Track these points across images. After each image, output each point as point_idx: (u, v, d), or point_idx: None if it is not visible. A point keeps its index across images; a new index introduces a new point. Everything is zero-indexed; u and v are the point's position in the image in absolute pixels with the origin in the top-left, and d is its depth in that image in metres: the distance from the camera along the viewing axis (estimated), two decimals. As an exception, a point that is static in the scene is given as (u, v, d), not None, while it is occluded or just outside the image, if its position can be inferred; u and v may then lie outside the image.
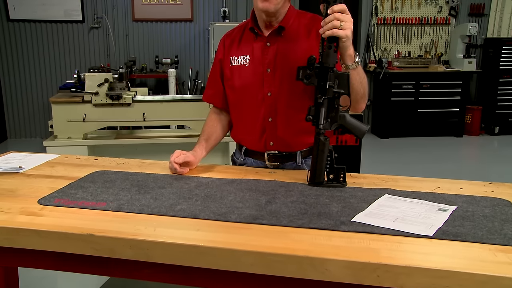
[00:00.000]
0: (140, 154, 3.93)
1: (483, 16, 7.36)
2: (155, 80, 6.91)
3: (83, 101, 3.71)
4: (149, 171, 1.76)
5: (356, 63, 1.54)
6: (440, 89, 6.89)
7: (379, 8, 7.18)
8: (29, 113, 6.86)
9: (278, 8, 1.71)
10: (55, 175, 1.69)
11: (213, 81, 1.94)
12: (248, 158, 1.90)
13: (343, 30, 1.44)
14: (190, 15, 6.83)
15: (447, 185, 1.60)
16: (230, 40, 1.87)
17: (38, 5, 6.54)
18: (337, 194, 1.50)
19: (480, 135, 7.16)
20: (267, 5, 1.67)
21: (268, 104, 1.78)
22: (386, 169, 5.45)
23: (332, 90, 1.52)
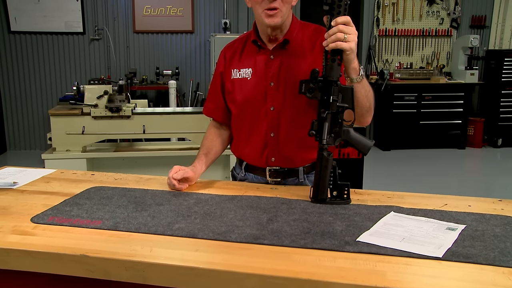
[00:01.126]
0: (139, 167, 3.88)
1: (484, 28, 7.34)
2: (155, 92, 6.89)
3: (82, 114, 3.67)
4: (147, 187, 1.71)
5: (360, 76, 1.50)
6: (442, 101, 6.86)
7: (381, 19, 7.17)
8: (29, 125, 6.83)
9: (284, 19, 1.67)
10: (50, 191, 1.64)
11: (213, 94, 1.89)
12: (249, 174, 1.85)
13: (347, 42, 1.40)
14: (191, 26, 6.82)
15: (454, 201, 1.55)
16: (231, 52, 1.83)
17: (39, 17, 6.55)
18: (341, 211, 1.45)
19: (483, 147, 7.11)
20: (274, 20, 1.62)
21: (271, 119, 1.73)
22: (389, 182, 5.40)
23: (335, 104, 1.47)
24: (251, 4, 1.68)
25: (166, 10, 6.73)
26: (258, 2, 1.62)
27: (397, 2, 7.15)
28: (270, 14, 1.61)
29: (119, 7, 6.70)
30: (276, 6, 1.60)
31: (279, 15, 1.62)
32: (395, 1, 7.14)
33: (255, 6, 1.65)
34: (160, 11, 6.72)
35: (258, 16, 1.67)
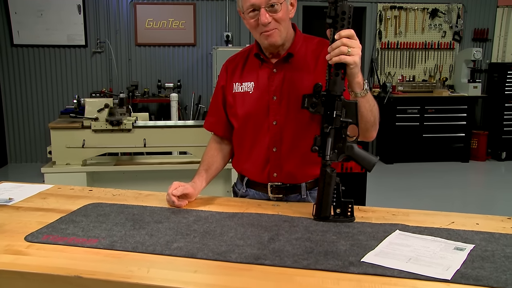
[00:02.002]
0: (140, 181, 3.84)
1: (487, 41, 7.33)
2: (157, 105, 6.87)
3: (83, 127, 3.64)
4: (146, 204, 1.67)
5: (365, 90, 1.46)
6: (445, 114, 6.83)
7: (383, 32, 7.17)
8: (30, 138, 6.82)
9: (284, 37, 1.64)
10: (46, 208, 1.61)
11: (214, 108, 1.86)
12: (250, 190, 1.81)
13: (351, 56, 1.37)
14: (193, 39, 6.83)
15: (462, 219, 1.50)
16: (233, 66, 1.80)
17: (42, 30, 6.56)
18: (344, 230, 1.40)
19: (486, 161, 7.06)
20: (273, 39, 1.61)
21: (273, 134, 1.69)
22: (392, 195, 5.35)
23: (339, 119, 1.44)
24: (249, 27, 1.66)
25: (168, 23, 6.73)
26: (253, 27, 1.61)
27: (399, 15, 7.14)
28: (267, 34, 1.60)
29: (121, 20, 6.71)
30: (271, 27, 1.58)
31: (277, 35, 1.60)
32: (397, 14, 7.14)
33: (252, 31, 1.64)
34: (162, 24, 6.73)
35: (258, 39, 1.67)
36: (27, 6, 6.52)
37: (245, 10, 1.58)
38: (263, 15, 1.55)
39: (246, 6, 1.57)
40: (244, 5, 1.58)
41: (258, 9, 1.55)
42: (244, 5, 1.58)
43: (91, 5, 6.64)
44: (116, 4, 6.67)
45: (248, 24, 1.62)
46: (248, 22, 1.61)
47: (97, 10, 6.65)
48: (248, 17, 1.59)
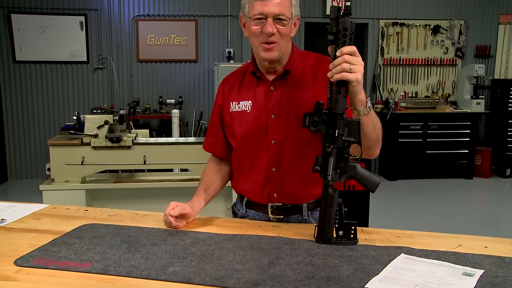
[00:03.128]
0: (140, 198, 3.79)
1: (489, 58, 7.32)
2: (158, 121, 6.85)
3: (82, 144, 3.60)
4: (143, 224, 1.61)
5: (368, 108, 1.42)
6: (448, 130, 6.79)
7: (385, 48, 7.16)
8: (31, 154, 6.79)
9: (282, 53, 1.61)
10: (40, 229, 1.56)
11: (212, 128, 1.82)
12: (250, 210, 1.76)
13: (353, 73, 1.32)
14: (195, 55, 6.83)
15: (469, 242, 1.44)
16: (229, 85, 1.76)
17: (44, 47, 6.58)
18: (347, 253, 1.35)
19: (491, 177, 6.99)
20: (270, 55, 1.58)
21: (272, 153, 1.65)
22: (395, 212, 5.28)
23: (341, 138, 1.39)
24: (247, 34, 1.63)
25: (170, 39, 6.74)
26: (256, 34, 1.57)
27: (401, 32, 7.14)
28: (267, 48, 1.57)
29: (123, 36, 6.72)
30: (274, 40, 1.56)
31: (276, 49, 1.58)
32: (399, 31, 7.14)
33: (252, 38, 1.61)
34: (164, 40, 6.73)
35: (255, 49, 1.62)
36: (30, 23, 6.55)
37: (251, 15, 1.56)
38: (269, 24, 1.53)
39: (254, 12, 1.54)
40: (252, 11, 1.55)
41: (265, 18, 1.53)
42: (251, 11, 1.56)
43: (93, 22, 6.65)
44: (118, 20, 6.69)
45: (250, 30, 1.59)
46: (251, 28, 1.58)
47: (99, 26, 6.66)
48: (253, 24, 1.56)
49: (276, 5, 1.53)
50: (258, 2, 1.54)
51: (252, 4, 1.56)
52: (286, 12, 1.54)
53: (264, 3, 1.53)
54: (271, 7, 1.53)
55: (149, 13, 6.72)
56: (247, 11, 1.58)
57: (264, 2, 1.53)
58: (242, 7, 1.62)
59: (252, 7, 1.55)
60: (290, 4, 1.57)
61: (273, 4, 1.53)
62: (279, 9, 1.53)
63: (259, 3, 1.53)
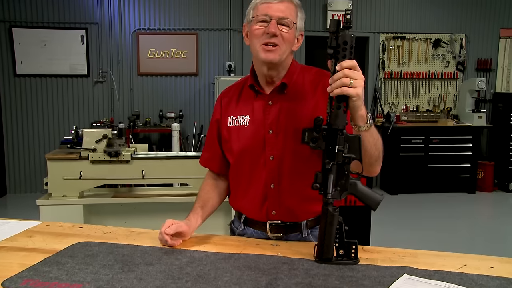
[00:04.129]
0: (139, 213, 3.74)
1: (490, 71, 7.30)
2: (159, 135, 6.82)
3: (80, 158, 3.56)
4: (138, 242, 1.57)
5: (368, 124, 1.38)
6: (450, 144, 6.76)
7: (386, 62, 7.15)
8: (30, 168, 6.76)
9: (283, 59, 1.58)
10: (31, 248, 1.51)
11: (210, 143, 1.78)
12: (248, 228, 1.71)
13: (354, 88, 1.29)
14: (196, 69, 6.82)
15: (475, 262, 1.40)
16: (227, 99, 1.73)
17: (45, 60, 6.58)
18: (348, 274, 1.30)
19: (493, 192, 6.93)
20: (271, 56, 1.54)
21: (270, 169, 1.61)
22: (397, 227, 5.23)
23: (341, 154, 1.35)
24: (249, 41, 1.61)
25: (171, 53, 6.74)
26: (257, 36, 1.55)
27: (402, 45, 7.14)
28: (268, 49, 1.54)
29: (123, 49, 6.72)
30: (275, 42, 1.53)
31: (277, 52, 1.54)
32: (400, 44, 7.14)
33: (253, 41, 1.58)
34: (165, 53, 6.73)
35: (255, 52, 1.58)
36: (31, 37, 6.56)
37: (255, 16, 1.54)
38: (273, 25, 1.52)
39: (258, 12, 1.54)
40: (256, 12, 1.55)
41: (269, 20, 1.52)
42: (255, 12, 1.55)
43: (94, 35, 6.66)
44: (119, 34, 6.70)
45: (252, 33, 1.56)
46: (253, 29, 1.55)
47: (100, 40, 6.67)
48: (256, 25, 1.54)
49: (281, 9, 1.52)
50: (263, 5, 1.53)
51: (257, 6, 1.55)
52: (290, 17, 1.54)
53: (269, 6, 1.52)
54: (276, 9, 1.52)
55: (149, 26, 6.73)
56: (252, 13, 1.57)
57: (269, 4, 1.53)
58: (246, 15, 1.62)
59: (256, 8, 1.55)
60: (295, 13, 1.56)
61: (278, 7, 1.52)
62: (284, 13, 1.52)
63: (264, 5, 1.53)
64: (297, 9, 1.57)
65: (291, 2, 1.56)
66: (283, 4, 1.53)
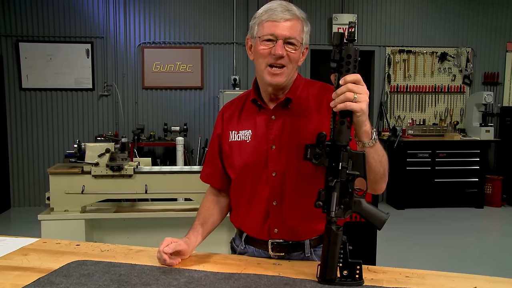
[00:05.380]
0: (141, 228, 3.69)
1: (497, 85, 7.25)
2: (163, 148, 6.79)
3: (83, 172, 3.53)
4: (136, 261, 1.52)
5: (373, 140, 1.33)
6: (457, 158, 6.68)
7: (392, 76, 7.11)
8: (34, 181, 6.75)
9: (289, 79, 1.54)
10: (26, 267, 1.47)
11: (211, 158, 1.74)
12: (249, 247, 1.66)
13: (358, 103, 1.24)
14: (201, 83, 6.81)
15: (485, 284, 1.34)
16: (229, 113, 1.69)
17: (50, 74, 6.60)
18: (353, 296, 1.25)
19: (502, 207, 6.83)
20: (277, 79, 1.51)
21: (273, 186, 1.56)
22: (404, 242, 5.15)
23: (345, 171, 1.30)
24: (253, 57, 1.56)
25: (176, 67, 6.74)
26: (263, 55, 1.50)
27: (408, 59, 7.11)
28: (274, 72, 1.50)
29: (128, 63, 6.73)
30: (282, 63, 1.48)
31: (283, 75, 1.50)
32: (406, 58, 7.11)
33: (258, 60, 1.53)
34: (170, 67, 6.73)
35: (260, 72, 1.54)
36: (37, 51, 6.59)
37: (261, 36, 1.49)
38: (279, 46, 1.46)
39: (265, 32, 1.48)
40: (262, 31, 1.49)
41: (275, 40, 1.47)
42: (261, 31, 1.49)
43: (99, 49, 6.68)
44: (124, 47, 6.71)
45: (257, 52, 1.51)
46: (259, 49, 1.50)
47: (105, 54, 6.68)
48: (262, 44, 1.49)
49: (288, 28, 1.47)
50: (269, 23, 1.48)
51: (262, 24, 1.49)
52: (297, 36, 1.48)
53: (275, 24, 1.47)
54: (283, 29, 1.47)
55: (154, 40, 6.74)
56: (256, 32, 1.52)
57: (276, 23, 1.47)
58: (250, 29, 1.56)
59: (262, 27, 1.49)
60: (302, 30, 1.51)
61: (285, 26, 1.47)
62: (290, 32, 1.47)
63: (270, 24, 1.48)
64: (303, 25, 1.52)
65: (297, 18, 1.50)
66: (290, 22, 1.47)
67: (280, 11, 1.47)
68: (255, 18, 1.54)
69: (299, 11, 1.52)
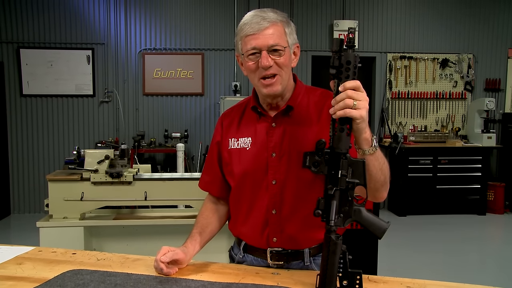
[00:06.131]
0: (141, 235, 3.66)
1: (499, 91, 7.23)
2: (164, 155, 6.77)
3: (82, 179, 3.50)
4: (132, 270, 1.50)
5: (373, 147, 1.31)
6: (459, 165, 6.65)
7: (393, 82, 7.10)
8: (35, 188, 6.73)
9: (285, 85, 1.53)
10: (20, 276, 1.44)
11: (209, 166, 1.72)
12: (247, 255, 1.63)
13: (357, 110, 1.22)
14: (201, 89, 6.80)
15: (488, 294, 1.31)
16: (228, 120, 1.67)
17: (51, 80, 6.60)
18: (352, 307, 1.22)
19: (505, 214, 6.79)
20: (273, 89, 1.50)
21: (273, 194, 1.54)
22: (405, 250, 5.11)
23: (345, 179, 1.27)
24: (246, 73, 1.55)
25: (177, 73, 6.73)
26: (253, 70, 1.50)
27: (409, 65, 7.10)
28: (267, 83, 1.49)
29: (129, 69, 6.73)
30: (273, 72, 1.47)
31: (278, 83, 1.49)
32: (407, 64, 7.09)
33: (250, 76, 1.53)
34: (170, 73, 6.73)
35: (256, 86, 1.54)
36: (38, 58, 6.59)
37: (245, 52, 1.48)
38: (264, 57, 1.45)
39: (246, 48, 1.47)
40: (245, 47, 1.48)
41: (259, 52, 1.46)
42: (244, 47, 1.48)
43: (100, 56, 6.68)
44: (125, 54, 6.71)
45: (247, 68, 1.51)
46: (247, 65, 1.50)
47: (105, 60, 6.68)
48: (248, 60, 1.49)
49: (268, 37, 1.45)
50: (249, 37, 1.46)
51: (243, 40, 1.49)
52: (280, 41, 1.47)
53: (255, 37, 1.45)
54: (263, 39, 1.45)
55: (155, 46, 6.74)
56: (241, 49, 1.51)
57: (255, 35, 1.45)
58: (235, 46, 1.56)
59: (244, 43, 1.48)
60: (284, 33, 1.49)
61: (265, 36, 1.45)
62: (272, 39, 1.45)
63: (250, 37, 1.46)
64: (284, 27, 1.49)
65: (275, 23, 1.47)
66: (269, 30, 1.45)
67: (256, 23, 1.45)
68: (236, 36, 1.53)
69: (276, 14, 1.49)
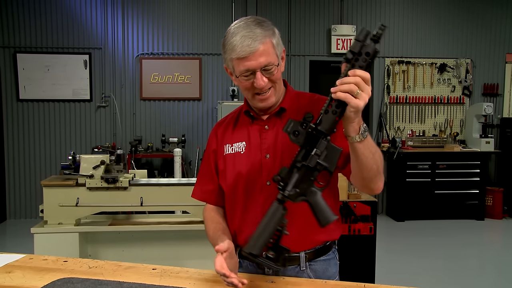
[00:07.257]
0: (137, 241, 3.63)
1: (497, 96, 7.23)
2: (161, 160, 6.75)
3: (77, 184, 3.47)
4: (124, 278, 1.47)
5: (360, 135, 1.26)
6: (457, 170, 6.63)
7: (391, 87, 7.09)
8: (31, 193, 6.69)
9: (279, 95, 1.55)
10: (8, 285, 1.41)
11: (206, 175, 1.68)
12: (243, 261, 1.60)
13: (357, 99, 1.18)
14: (199, 94, 6.79)
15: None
16: (223, 128, 1.66)
17: (48, 85, 6.57)
18: (349, 316, 1.19)
19: (503, 219, 6.76)
20: (268, 102, 1.52)
21: (267, 195, 1.51)
22: (403, 255, 5.09)
23: (316, 159, 1.26)
24: (237, 84, 1.54)
25: (174, 78, 6.71)
26: (247, 88, 1.50)
27: (407, 70, 7.09)
28: (263, 98, 1.51)
29: (126, 74, 6.71)
30: (267, 87, 1.49)
31: (272, 95, 1.52)
32: (405, 69, 7.09)
33: (244, 92, 1.53)
34: (168, 78, 6.71)
35: (249, 100, 1.56)
36: (34, 62, 6.57)
37: (238, 74, 1.47)
38: (259, 79, 1.44)
39: (240, 70, 1.45)
40: (238, 69, 1.46)
41: (253, 73, 1.44)
42: (237, 69, 1.46)
43: (97, 60, 6.66)
44: (122, 58, 6.69)
45: (241, 85, 1.50)
46: (242, 84, 1.49)
47: (103, 65, 6.66)
48: (242, 80, 1.47)
49: (260, 56, 1.42)
50: (242, 59, 1.43)
51: (235, 61, 1.45)
52: (271, 59, 1.44)
53: (248, 59, 1.43)
54: (256, 62, 1.43)
55: (153, 51, 6.72)
56: (231, 68, 1.49)
57: (248, 57, 1.42)
58: (224, 60, 1.53)
59: (237, 65, 1.45)
60: (273, 47, 1.46)
61: (256, 57, 1.42)
62: (264, 59, 1.43)
63: (241, 60, 1.44)
64: (272, 41, 1.46)
65: (263, 40, 1.43)
66: (259, 50, 1.42)
67: (247, 45, 1.41)
68: (225, 53, 1.48)
69: (262, 28, 1.45)
